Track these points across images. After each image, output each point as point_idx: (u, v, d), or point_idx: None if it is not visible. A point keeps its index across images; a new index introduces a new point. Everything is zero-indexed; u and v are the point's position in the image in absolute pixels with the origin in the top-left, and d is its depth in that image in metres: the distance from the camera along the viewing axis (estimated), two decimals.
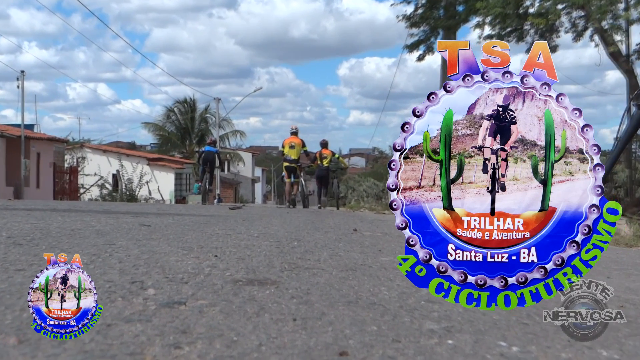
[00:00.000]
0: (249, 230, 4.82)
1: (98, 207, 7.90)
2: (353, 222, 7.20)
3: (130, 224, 4.83)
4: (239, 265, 2.81)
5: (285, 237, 4.42)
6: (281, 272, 2.71)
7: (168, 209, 8.40)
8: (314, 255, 3.40)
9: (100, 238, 3.60)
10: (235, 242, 3.80)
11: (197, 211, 8.20)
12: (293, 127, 15.37)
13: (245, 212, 8.75)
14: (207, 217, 6.54)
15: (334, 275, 2.73)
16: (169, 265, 2.67)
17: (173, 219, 5.75)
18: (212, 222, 5.68)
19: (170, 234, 4.08)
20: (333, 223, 6.81)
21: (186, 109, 46.85)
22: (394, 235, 5.35)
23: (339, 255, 3.50)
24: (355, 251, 3.76)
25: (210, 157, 17.41)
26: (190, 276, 2.44)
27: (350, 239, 4.73)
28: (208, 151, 17.54)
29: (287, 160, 14.97)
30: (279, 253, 3.36)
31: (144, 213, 6.71)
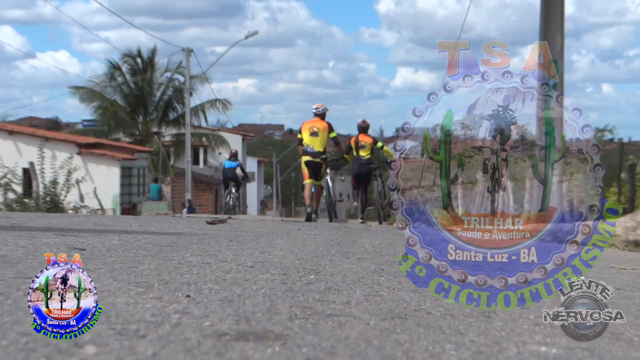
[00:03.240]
0: (239, 257, 4.87)
1: (1, 220, 8.03)
2: (402, 244, 7.21)
3: (54, 246, 4.93)
4: (224, 310, 2.87)
5: (295, 267, 4.47)
6: (290, 320, 2.76)
7: (111, 224, 8.51)
8: (341, 295, 3.45)
9: (7, 269, 3.68)
10: (218, 275, 3.86)
11: (157, 227, 8.28)
12: (317, 106, 15.56)
13: (232, 227, 8.83)
14: (173, 236, 6.63)
15: (371, 325, 2.78)
16: (116, 311, 2.74)
17: (120, 240, 5.83)
18: (180, 244, 5.76)
19: (117, 263, 4.16)
20: (371, 245, 6.84)
21: (140, 66, 47.24)
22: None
23: (380, 295, 3.54)
24: (406, 289, 3.80)
25: (231, 174, 22.80)
26: (149, 327, 2.50)
27: (398, 270, 4.76)
28: (228, 168, 23.09)
29: (307, 152, 15.18)
30: (287, 292, 3.42)
31: (74, 230, 6.81)
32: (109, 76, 46.75)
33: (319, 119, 15.33)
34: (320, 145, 15.07)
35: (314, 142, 15.07)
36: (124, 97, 46.81)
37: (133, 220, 9.69)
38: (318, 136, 15.08)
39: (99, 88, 46.44)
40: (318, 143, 15.06)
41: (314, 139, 15.08)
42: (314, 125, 15.19)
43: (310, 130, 15.16)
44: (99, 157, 34.69)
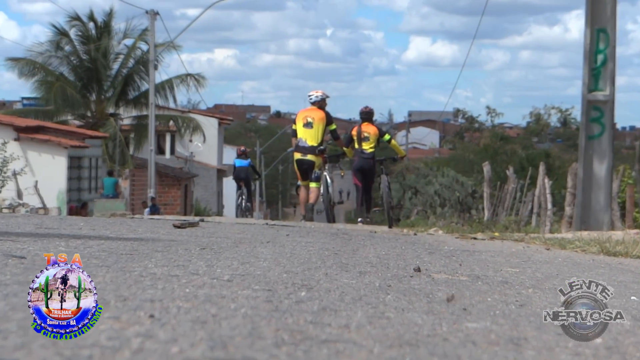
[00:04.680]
0: (214, 269, 4.88)
1: None
2: (414, 255, 7.25)
3: None
4: (196, 333, 2.89)
5: (283, 281, 4.49)
6: (276, 347, 2.78)
7: (57, 226, 8.50)
8: (339, 316, 3.47)
9: None
10: (189, 290, 3.88)
11: (113, 230, 8.27)
12: (315, 94, 15.54)
13: (205, 232, 8.83)
14: (133, 242, 6.65)
15: (375, 354, 2.80)
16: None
17: (68, 246, 5.83)
18: (142, 252, 5.78)
19: None
20: (376, 256, 6.86)
21: (93, 32, 47.12)
22: (494, 282, 5.39)
23: (386, 317, 3.56)
24: (418, 310, 3.82)
25: (243, 174, 25.28)
26: (105, 353, 2.53)
27: (408, 286, 4.79)
28: (239, 167, 25.52)
29: (300, 148, 15.14)
30: (272, 312, 3.43)
31: (10, 234, 6.82)
32: (54, 44, 46.58)
33: (315, 107, 15.36)
34: (315, 139, 15.09)
35: (307, 135, 15.12)
36: (73, 71, 46.70)
37: (83, 222, 9.68)
38: (312, 128, 15.11)
39: (41, 59, 46.27)
40: (312, 136, 15.07)
41: (308, 130, 15.11)
42: (308, 115, 15.25)
43: (305, 120, 15.19)
44: (41, 144, 34.59)
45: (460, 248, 8.83)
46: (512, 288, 5.13)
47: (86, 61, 46.38)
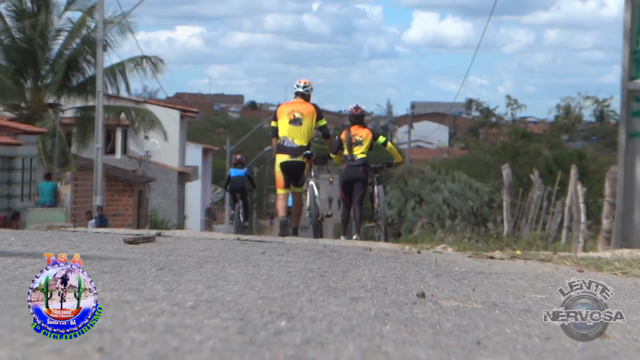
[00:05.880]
0: (174, 294, 4.90)
1: None
2: (417, 278, 7.27)
3: None
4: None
5: (258, 309, 4.52)
6: None
7: None
8: (326, 350, 3.49)
9: None
10: (144, 319, 3.89)
11: (51, 246, 8.28)
12: (302, 83, 15.56)
13: (163, 250, 8.85)
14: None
15: None
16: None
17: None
18: (87, 272, 5.76)
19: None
20: (370, 279, 6.88)
21: (28, 5, 47.01)
22: (515, 310, 5.41)
23: (383, 351, 3.58)
24: (421, 343, 3.84)
25: (240, 185, 27.42)
26: None
27: (410, 315, 4.81)
28: (235, 177, 27.59)
29: (284, 149, 15.13)
30: (246, 345, 3.45)
31: None
32: None
33: (302, 99, 15.37)
34: (304, 138, 15.03)
35: (295, 134, 15.02)
36: (3, 52, 46.58)
37: (14, 237, 9.68)
38: (302, 124, 15.02)
39: None
40: (301, 134, 14.99)
41: (296, 128, 15.00)
42: (295, 110, 15.17)
43: (291, 115, 15.06)
44: None
45: (473, 269, 8.86)
46: (536, 318, 5.14)
47: (20, 40, 46.20)
